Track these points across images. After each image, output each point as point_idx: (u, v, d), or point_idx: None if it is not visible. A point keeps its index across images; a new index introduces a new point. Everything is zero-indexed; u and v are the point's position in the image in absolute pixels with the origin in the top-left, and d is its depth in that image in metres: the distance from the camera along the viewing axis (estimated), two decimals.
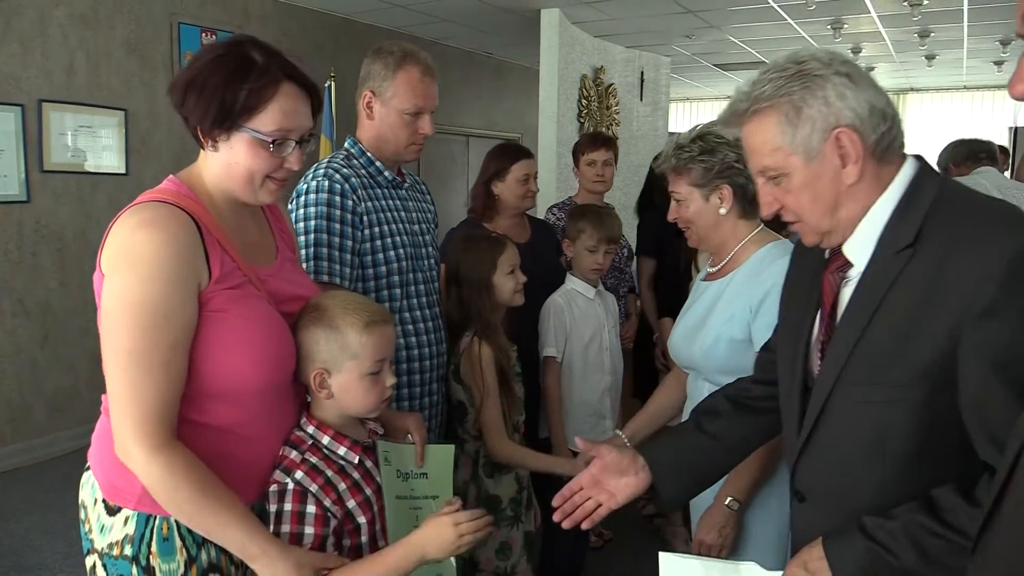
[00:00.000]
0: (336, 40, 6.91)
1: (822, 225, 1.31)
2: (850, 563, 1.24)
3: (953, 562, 1.14)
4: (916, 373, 1.20)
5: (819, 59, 1.27)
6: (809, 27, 7.40)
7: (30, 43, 4.87)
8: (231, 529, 1.42)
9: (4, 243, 4.85)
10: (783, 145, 1.27)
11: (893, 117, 1.26)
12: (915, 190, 1.26)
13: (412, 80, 2.17)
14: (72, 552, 3.73)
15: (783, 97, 1.25)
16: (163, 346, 1.38)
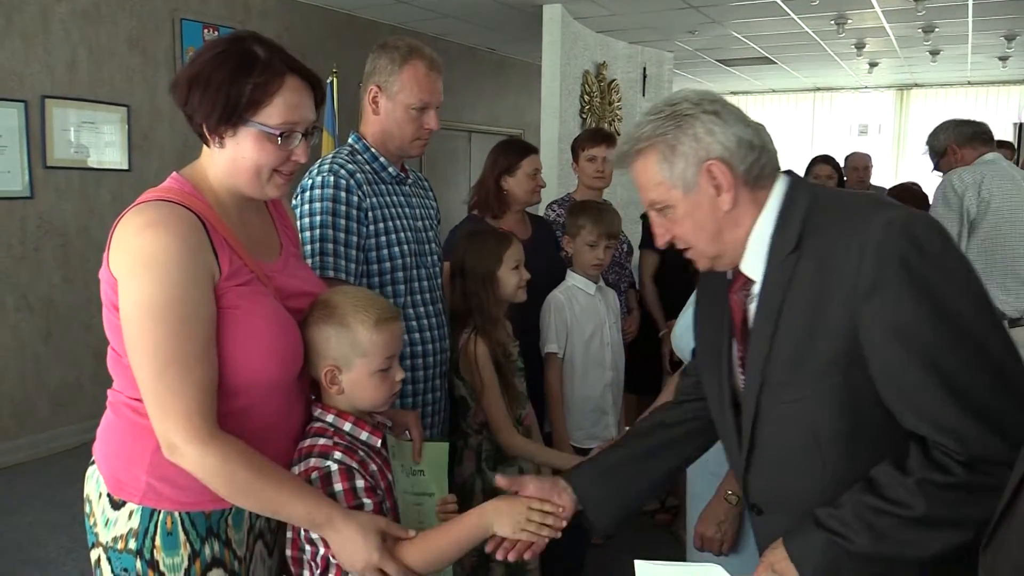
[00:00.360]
0: (338, 36, 6.90)
1: (710, 250, 1.41)
2: (812, 556, 1.29)
3: (900, 534, 1.22)
4: (827, 361, 1.27)
5: (690, 100, 1.37)
6: (812, 22, 7.38)
7: (32, 39, 4.88)
8: (293, 503, 1.45)
9: (7, 239, 4.86)
10: (664, 180, 1.37)
11: (761, 147, 1.36)
12: (790, 202, 1.36)
13: (418, 75, 2.17)
14: (76, 547, 3.74)
15: (659, 137, 1.36)
16: (194, 342, 1.39)
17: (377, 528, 1.48)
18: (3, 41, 4.74)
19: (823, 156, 5.24)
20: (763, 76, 11.04)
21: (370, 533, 1.46)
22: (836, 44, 8.40)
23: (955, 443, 1.19)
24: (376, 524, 1.48)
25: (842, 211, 1.31)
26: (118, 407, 1.52)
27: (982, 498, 1.15)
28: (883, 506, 1.23)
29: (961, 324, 1.19)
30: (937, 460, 1.21)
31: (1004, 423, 1.17)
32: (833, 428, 1.31)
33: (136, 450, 1.47)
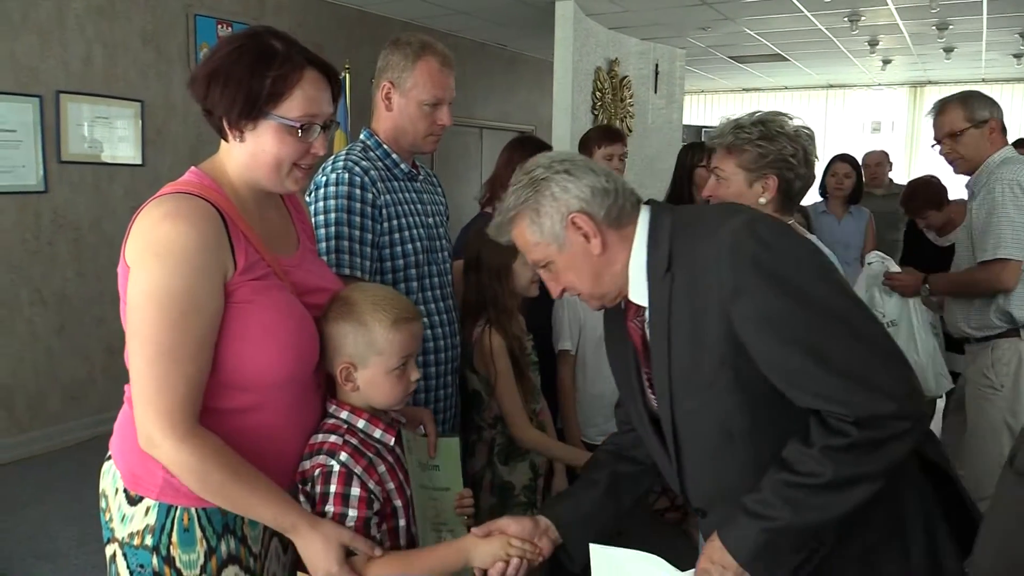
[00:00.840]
0: (351, 32, 6.92)
1: (596, 291, 1.53)
2: (745, 542, 1.37)
3: (817, 500, 1.31)
4: (717, 364, 1.38)
5: (542, 164, 1.51)
6: (825, 19, 7.35)
7: (48, 34, 4.91)
8: (262, 507, 1.46)
9: (22, 233, 4.89)
10: (539, 240, 1.50)
11: (615, 191, 1.48)
12: (655, 227, 1.48)
13: (431, 70, 2.17)
14: (87, 539, 3.76)
15: (523, 204, 1.49)
16: (191, 337, 1.39)
17: (341, 540, 1.48)
18: (19, 36, 4.77)
19: (842, 155, 5.19)
20: (776, 73, 11.00)
21: (332, 544, 1.47)
22: (849, 41, 8.36)
23: (843, 408, 1.29)
24: (340, 536, 1.49)
25: (699, 226, 1.43)
26: None
27: (880, 449, 1.29)
28: (795, 479, 1.32)
29: (821, 304, 1.31)
30: (833, 427, 1.31)
31: (878, 381, 1.28)
32: (740, 423, 1.41)
33: None
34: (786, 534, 1.34)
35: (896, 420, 1.28)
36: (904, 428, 1.28)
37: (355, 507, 1.53)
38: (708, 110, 13.05)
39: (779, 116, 2.07)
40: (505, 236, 1.56)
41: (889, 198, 5.58)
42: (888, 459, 1.30)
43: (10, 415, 4.92)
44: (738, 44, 8.82)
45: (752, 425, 1.41)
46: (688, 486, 1.55)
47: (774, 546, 1.35)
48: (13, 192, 4.82)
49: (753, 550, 1.36)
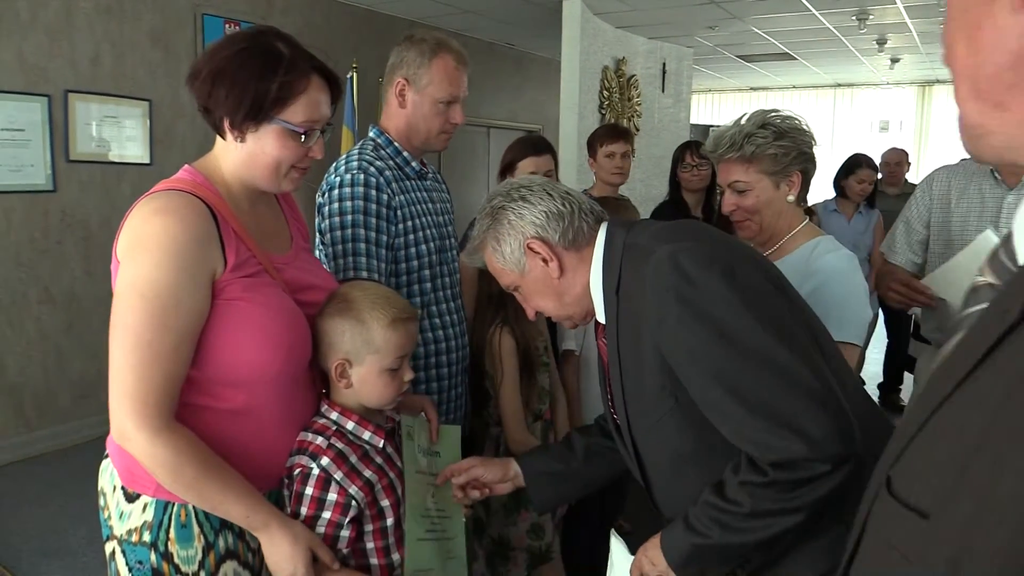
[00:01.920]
0: (359, 31, 6.92)
1: (562, 313, 1.59)
2: (677, 547, 1.43)
3: (741, 525, 1.33)
4: (657, 388, 1.41)
5: (500, 193, 1.58)
6: (833, 18, 7.33)
7: (56, 34, 4.92)
8: (234, 504, 1.46)
9: (31, 232, 4.91)
10: (503, 267, 1.58)
11: (571, 213, 1.53)
12: (608, 247, 1.51)
13: (448, 68, 2.16)
14: (95, 537, 3.74)
15: (487, 233, 1.57)
16: (172, 332, 1.40)
17: (309, 543, 1.49)
18: (27, 35, 4.79)
19: (866, 159, 5.14)
20: (783, 72, 10.97)
21: (301, 544, 1.48)
22: (857, 40, 8.33)
23: (756, 450, 1.30)
24: (310, 539, 1.50)
25: (639, 250, 1.44)
26: None
27: (798, 490, 1.29)
28: (722, 504, 1.35)
29: (741, 340, 1.30)
30: (754, 463, 1.32)
31: (797, 423, 1.26)
32: (685, 446, 1.45)
33: None
34: (714, 549, 1.38)
35: (813, 463, 1.26)
36: (822, 471, 1.26)
37: (329, 510, 1.54)
38: (716, 109, 13.02)
39: (771, 113, 2.04)
40: (478, 263, 1.65)
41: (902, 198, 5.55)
42: (808, 498, 1.29)
43: (19, 413, 4.94)
44: (746, 43, 8.80)
45: (699, 448, 1.43)
46: (656, 495, 1.59)
47: (702, 557, 1.41)
48: (22, 191, 4.84)
49: (683, 557, 1.42)
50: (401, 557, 1.64)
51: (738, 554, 1.39)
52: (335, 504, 1.54)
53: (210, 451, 1.45)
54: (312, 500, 1.53)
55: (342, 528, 1.55)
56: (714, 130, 2.13)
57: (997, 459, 0.58)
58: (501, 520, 2.38)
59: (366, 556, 1.62)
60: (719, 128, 2.09)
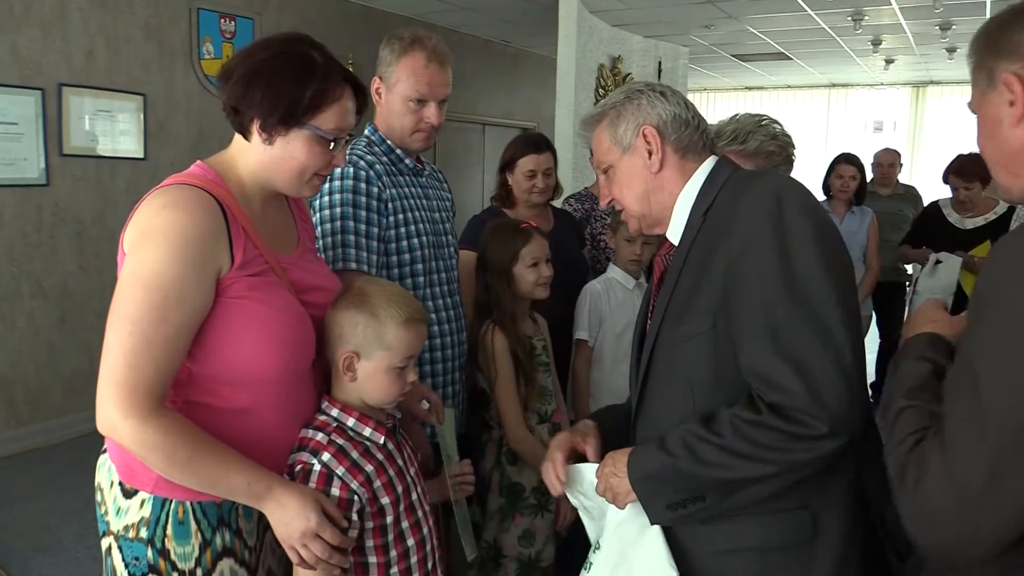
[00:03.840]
0: (354, 27, 6.91)
1: (638, 209, 1.59)
2: (642, 462, 1.46)
3: (709, 456, 1.34)
4: (703, 309, 1.41)
5: (644, 83, 1.61)
6: (829, 18, 7.34)
7: (50, 27, 4.90)
8: (234, 476, 1.44)
9: (23, 226, 4.89)
10: (610, 143, 1.59)
11: (696, 128, 1.56)
12: (712, 177, 1.54)
13: (415, 66, 2.15)
14: (88, 533, 3.77)
15: (611, 107, 1.60)
16: (170, 324, 1.39)
17: (316, 497, 1.48)
18: (21, 29, 4.76)
19: (846, 156, 5.16)
20: (779, 72, 10.99)
21: (309, 498, 1.47)
22: (852, 40, 8.35)
23: (763, 385, 1.32)
24: (316, 495, 1.49)
25: (742, 181, 1.48)
26: None
27: (787, 443, 1.28)
28: (702, 432, 1.36)
29: (806, 286, 1.31)
30: (752, 399, 1.34)
31: (816, 379, 1.27)
32: (701, 373, 1.44)
33: None
34: (675, 472, 1.39)
35: (811, 419, 1.26)
36: (817, 432, 1.26)
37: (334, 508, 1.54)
38: (711, 108, 13.04)
39: (760, 115, 2.20)
40: (588, 131, 1.65)
41: (895, 199, 5.57)
42: (787, 456, 1.29)
43: (10, 408, 4.93)
44: (741, 42, 8.81)
45: (711, 385, 1.43)
46: (639, 423, 1.59)
47: (662, 478, 1.42)
48: (15, 185, 4.81)
49: (644, 472, 1.45)
50: (398, 553, 1.64)
51: (694, 485, 1.39)
52: (338, 500, 1.54)
53: (201, 430, 1.43)
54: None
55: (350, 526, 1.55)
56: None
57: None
58: (496, 524, 2.38)
59: (364, 554, 1.61)
60: (716, 124, 2.19)
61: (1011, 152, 1.18)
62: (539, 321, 2.54)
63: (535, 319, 2.52)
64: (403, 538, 1.66)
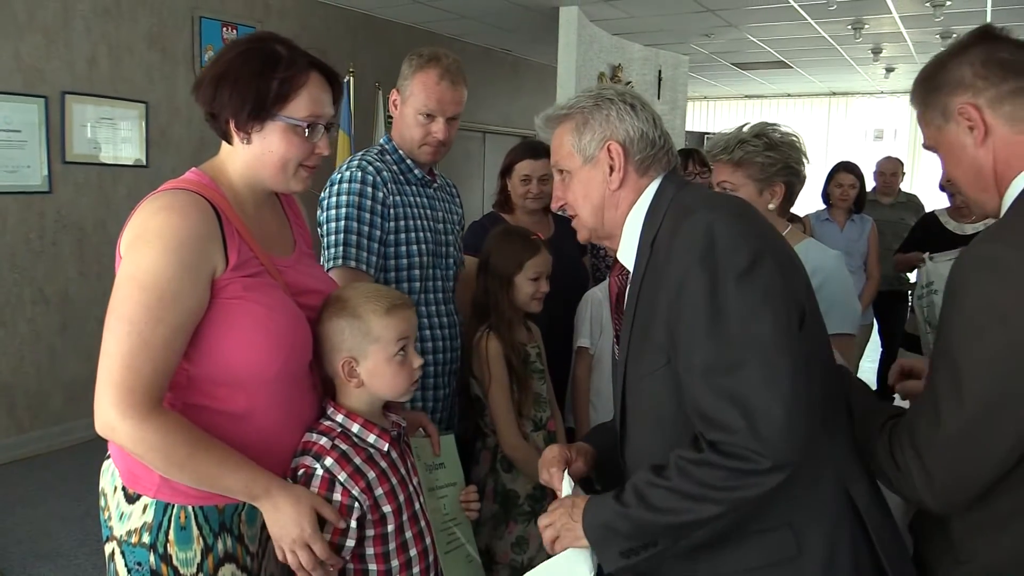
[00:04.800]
0: (355, 35, 6.93)
1: (590, 221, 1.57)
2: (597, 512, 1.43)
3: (658, 500, 1.33)
4: (657, 345, 1.40)
5: (616, 90, 1.58)
6: (829, 27, 7.36)
7: (54, 35, 4.92)
8: (232, 475, 1.46)
9: (25, 232, 4.90)
10: (571, 149, 1.55)
11: (660, 146, 1.54)
12: (659, 194, 1.52)
13: (428, 82, 2.24)
14: (88, 539, 3.77)
15: (578, 109, 1.55)
16: (166, 325, 1.40)
17: (312, 503, 1.50)
18: (25, 36, 4.79)
19: (845, 164, 5.16)
20: (779, 80, 11.01)
21: (304, 507, 1.48)
22: (853, 49, 8.37)
23: (703, 423, 1.31)
24: (312, 499, 1.51)
25: (682, 208, 1.44)
26: None
27: (730, 480, 1.27)
28: (651, 477, 1.35)
29: (739, 321, 1.29)
30: (695, 439, 1.34)
31: (756, 417, 1.24)
32: (667, 409, 1.42)
33: None
34: (627, 520, 1.37)
35: (753, 455, 1.24)
36: (760, 468, 1.24)
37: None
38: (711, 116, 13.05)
39: (771, 126, 2.17)
40: (548, 130, 1.62)
41: (896, 207, 5.58)
42: (732, 495, 1.27)
43: (11, 414, 4.93)
44: (741, 51, 8.83)
45: (676, 414, 1.40)
46: (627, 452, 1.58)
47: (615, 527, 1.39)
48: (17, 192, 4.83)
49: (597, 521, 1.42)
50: (400, 563, 1.64)
51: (647, 532, 1.37)
52: (339, 506, 1.54)
53: (200, 430, 1.44)
54: None
55: (347, 534, 1.55)
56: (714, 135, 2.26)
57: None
58: (490, 531, 2.38)
59: (364, 562, 1.62)
60: (721, 132, 2.24)
61: (979, 171, 1.37)
62: (533, 329, 2.54)
63: (529, 327, 2.53)
64: (406, 548, 1.66)
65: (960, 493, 1.27)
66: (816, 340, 1.42)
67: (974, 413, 1.22)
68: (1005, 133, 1.34)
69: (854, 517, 1.40)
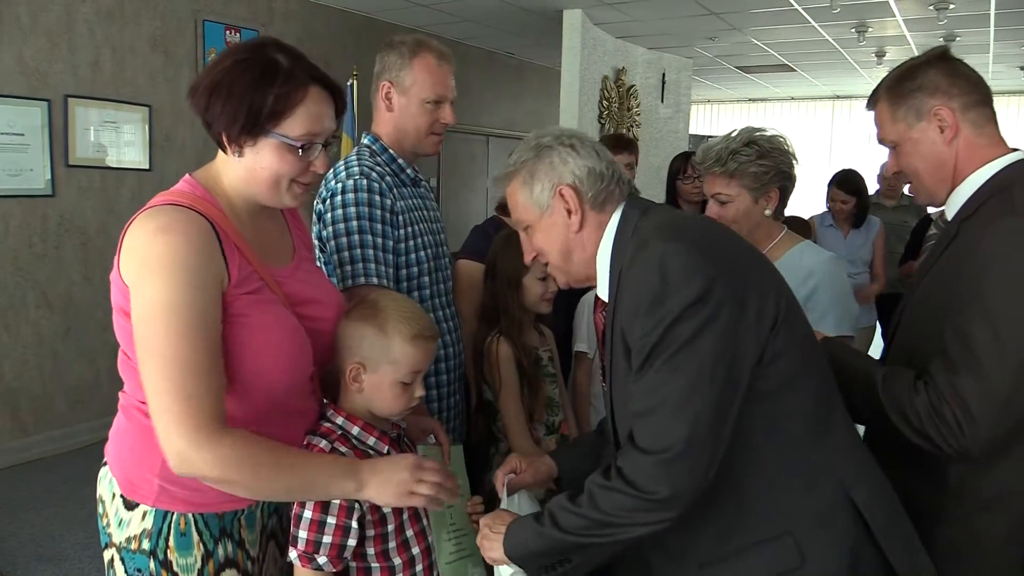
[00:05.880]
0: (359, 39, 6.94)
1: (562, 266, 1.60)
2: (517, 533, 1.49)
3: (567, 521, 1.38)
4: (625, 371, 1.42)
5: (552, 134, 1.58)
6: (832, 30, 7.36)
7: (57, 38, 4.93)
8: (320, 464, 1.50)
9: (29, 236, 4.91)
10: (526, 202, 1.57)
11: (611, 176, 1.55)
12: (624, 224, 1.52)
13: (430, 66, 2.15)
14: (91, 543, 3.77)
15: (523, 164, 1.57)
16: (203, 346, 1.37)
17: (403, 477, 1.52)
18: (28, 40, 4.79)
19: (840, 179, 5.07)
20: (782, 83, 11.00)
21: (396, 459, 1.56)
22: (856, 52, 8.36)
23: (619, 452, 1.37)
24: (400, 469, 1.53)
25: (642, 240, 1.44)
26: (129, 411, 1.52)
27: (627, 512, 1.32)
28: (565, 502, 1.41)
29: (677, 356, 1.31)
30: (609, 466, 1.37)
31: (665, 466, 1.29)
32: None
33: (148, 453, 1.46)
34: (542, 540, 1.43)
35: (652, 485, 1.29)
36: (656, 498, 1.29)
37: (333, 515, 1.54)
38: (715, 120, 13.05)
39: (758, 132, 2.17)
40: (501, 189, 1.64)
41: (899, 210, 5.56)
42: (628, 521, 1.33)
43: (15, 418, 4.93)
44: (745, 54, 8.82)
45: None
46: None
47: (529, 546, 1.46)
48: (21, 196, 4.84)
49: (516, 541, 1.48)
50: (403, 561, 1.64)
51: (559, 550, 1.43)
52: (339, 507, 1.53)
53: (266, 439, 1.44)
54: (317, 503, 1.53)
55: (349, 533, 1.55)
56: (704, 143, 2.27)
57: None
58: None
59: (367, 560, 1.61)
60: (709, 141, 2.22)
61: (943, 165, 1.65)
62: (546, 333, 2.53)
63: (542, 331, 2.52)
64: (407, 547, 1.66)
65: (997, 436, 1.46)
66: (793, 342, 1.41)
67: (1013, 360, 1.42)
68: (969, 135, 1.62)
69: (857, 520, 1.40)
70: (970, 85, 1.62)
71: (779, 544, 1.38)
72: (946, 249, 1.63)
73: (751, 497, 1.39)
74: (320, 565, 1.53)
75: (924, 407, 1.48)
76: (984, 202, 1.57)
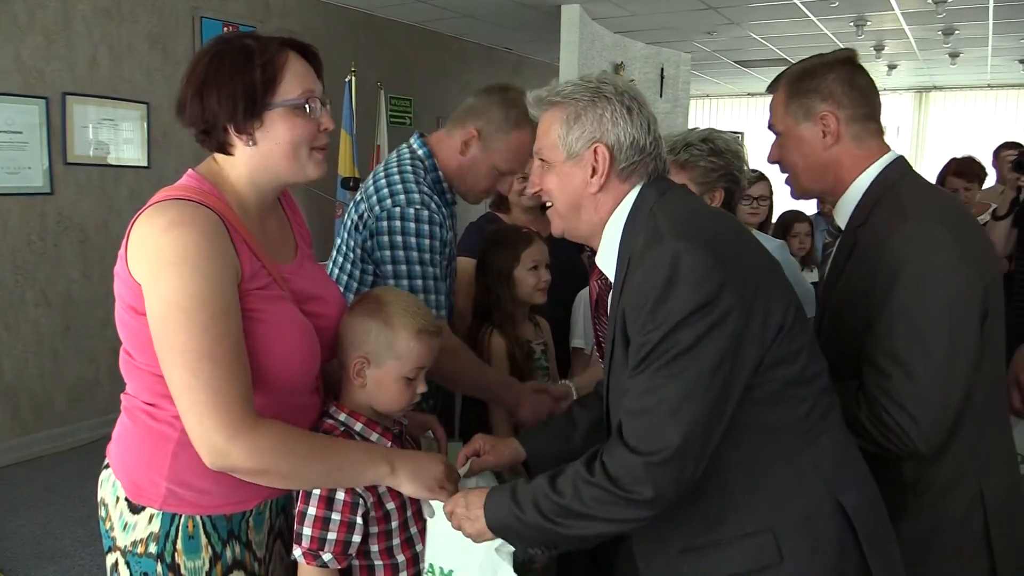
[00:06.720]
0: (356, 34, 6.92)
1: (564, 219, 1.55)
2: (496, 511, 1.46)
3: (553, 514, 1.37)
4: (623, 355, 1.40)
5: (616, 87, 1.50)
6: (831, 24, 7.35)
7: (54, 36, 4.92)
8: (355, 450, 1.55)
9: (27, 234, 4.90)
10: (557, 139, 1.50)
11: (650, 153, 1.49)
12: (640, 201, 1.47)
13: (523, 145, 2.12)
14: (92, 541, 3.77)
15: (573, 100, 1.49)
16: (227, 338, 1.36)
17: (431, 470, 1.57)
18: (25, 37, 4.78)
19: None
20: None
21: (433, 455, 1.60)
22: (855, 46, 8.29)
23: (605, 447, 1.37)
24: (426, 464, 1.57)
25: (656, 231, 1.39)
26: (133, 412, 1.51)
27: (610, 507, 1.32)
28: (547, 490, 1.39)
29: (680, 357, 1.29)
30: (593, 458, 1.37)
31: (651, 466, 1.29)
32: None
33: (155, 456, 1.46)
34: (524, 525, 1.42)
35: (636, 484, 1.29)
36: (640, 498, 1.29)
37: (338, 511, 1.54)
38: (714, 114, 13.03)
39: (718, 132, 2.20)
40: (538, 110, 1.56)
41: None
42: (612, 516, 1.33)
43: (15, 416, 4.93)
44: (744, 49, 8.81)
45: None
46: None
47: (513, 528, 1.45)
48: (19, 193, 4.82)
49: (498, 521, 1.46)
50: (406, 558, 1.64)
51: (542, 539, 1.43)
52: (344, 504, 1.54)
53: (298, 428, 1.47)
54: (321, 500, 1.53)
55: (354, 529, 1.55)
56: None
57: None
58: None
59: (369, 558, 1.61)
60: (681, 133, 2.25)
61: (819, 166, 1.73)
62: (541, 325, 2.53)
63: (537, 323, 2.53)
64: (411, 544, 1.66)
65: (941, 431, 1.52)
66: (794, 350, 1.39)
67: (938, 358, 1.49)
68: (850, 146, 1.70)
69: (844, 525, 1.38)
70: (862, 98, 1.70)
71: (758, 540, 1.37)
72: (850, 258, 1.68)
73: (737, 491, 1.39)
74: (325, 562, 1.53)
75: (867, 419, 1.54)
76: (873, 207, 1.64)
